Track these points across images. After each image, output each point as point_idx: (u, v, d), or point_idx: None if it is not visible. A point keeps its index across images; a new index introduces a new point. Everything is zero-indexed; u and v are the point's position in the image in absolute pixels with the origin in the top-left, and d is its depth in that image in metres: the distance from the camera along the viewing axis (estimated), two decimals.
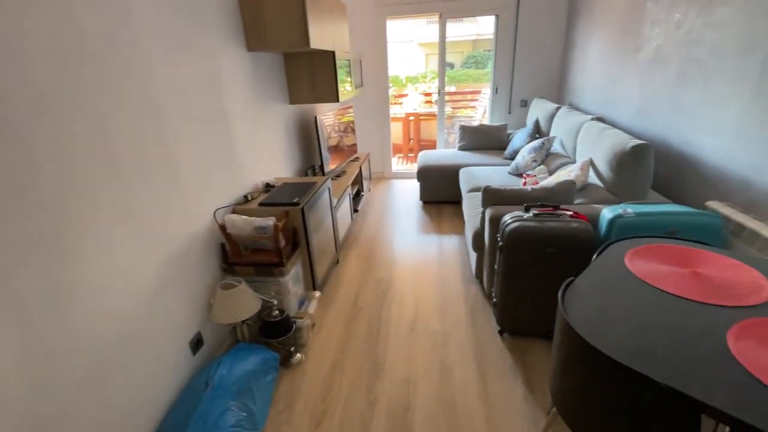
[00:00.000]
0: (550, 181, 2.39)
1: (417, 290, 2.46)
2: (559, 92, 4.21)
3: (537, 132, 3.63)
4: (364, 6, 4.12)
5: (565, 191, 2.13)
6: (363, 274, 2.67)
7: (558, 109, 3.36)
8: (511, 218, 1.86)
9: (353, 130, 3.97)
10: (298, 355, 1.90)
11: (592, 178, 2.38)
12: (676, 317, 0.98)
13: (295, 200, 2.04)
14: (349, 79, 3.28)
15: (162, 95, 1.54)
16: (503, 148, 4.06)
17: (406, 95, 6.63)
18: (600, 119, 2.69)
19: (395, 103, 6.74)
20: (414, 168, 3.96)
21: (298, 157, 3.11)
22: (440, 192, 3.82)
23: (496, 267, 1.96)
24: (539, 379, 1.74)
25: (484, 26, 14.58)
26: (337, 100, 2.84)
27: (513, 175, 3.20)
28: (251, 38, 2.22)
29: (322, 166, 3.08)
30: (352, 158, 3.85)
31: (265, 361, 1.68)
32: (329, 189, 2.55)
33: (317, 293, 2.17)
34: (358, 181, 3.80)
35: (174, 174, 1.60)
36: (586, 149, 2.52)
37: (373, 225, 3.48)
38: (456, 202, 3.86)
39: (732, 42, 1.81)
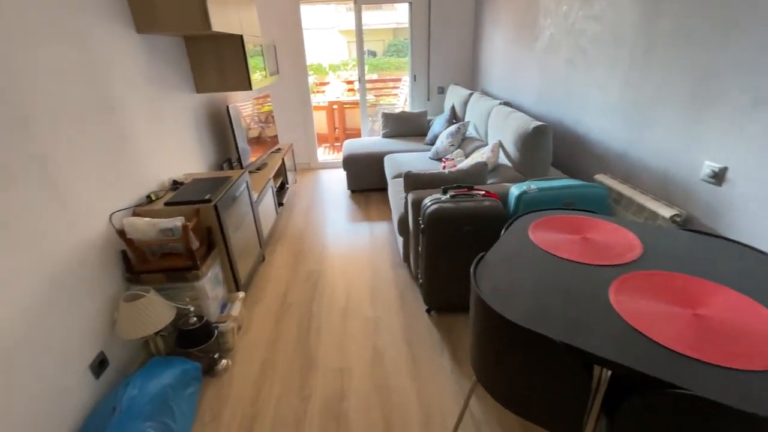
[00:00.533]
0: (466, 163, 2.52)
1: (348, 279, 2.45)
2: (472, 79, 4.43)
3: (454, 117, 3.79)
4: None
5: (479, 172, 2.26)
6: (292, 269, 2.59)
7: (471, 95, 3.54)
8: (430, 201, 1.93)
9: (273, 120, 3.79)
10: (224, 361, 1.79)
11: (503, 159, 2.56)
12: (570, 280, 1.10)
13: (207, 197, 1.90)
14: (262, 66, 3.11)
15: (24, 81, 1.30)
16: (424, 134, 4.18)
17: (328, 83, 6.49)
18: (507, 104, 2.89)
19: (318, 92, 6.57)
20: (341, 157, 3.91)
21: (212, 150, 2.89)
22: (367, 180, 3.83)
23: (420, 249, 2.02)
24: (464, 351, 1.85)
25: (403, 14, 14.79)
26: (250, 88, 2.68)
27: (434, 159, 3.32)
28: (140, 19, 1.98)
29: (239, 159, 2.90)
30: (273, 150, 3.68)
31: (184, 373, 1.55)
32: (247, 183, 2.41)
33: (241, 294, 2.06)
34: (281, 173, 3.66)
35: (47, 175, 1.38)
36: (496, 132, 2.69)
37: (301, 218, 3.38)
38: (383, 189, 3.91)
39: (608, 32, 2.04)
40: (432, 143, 3.80)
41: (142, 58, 2.04)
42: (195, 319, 1.72)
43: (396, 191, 2.71)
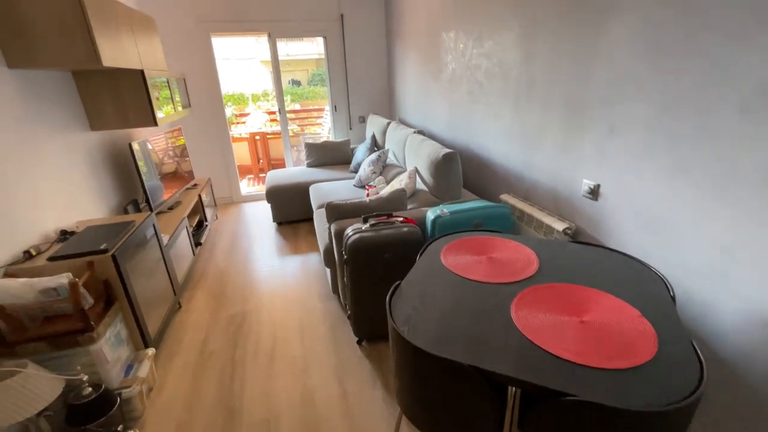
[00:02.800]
0: (386, 191, 2.59)
1: (275, 318, 2.34)
2: (390, 108, 4.64)
3: (375, 145, 3.91)
4: (182, 21, 3.77)
5: (398, 199, 2.34)
6: (212, 314, 2.41)
7: (389, 123, 3.70)
8: (352, 231, 1.94)
9: (187, 155, 3.57)
10: None
11: (419, 185, 2.68)
12: (477, 300, 1.16)
13: (103, 246, 1.70)
14: (170, 100, 2.94)
15: None
16: (348, 162, 4.24)
17: (248, 114, 6.34)
18: (420, 132, 3.06)
19: (238, 123, 6.38)
20: (267, 178, 3.80)
21: (115, 192, 2.62)
22: (294, 211, 3.75)
23: (345, 280, 2.01)
24: None
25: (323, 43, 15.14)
26: (155, 124, 2.51)
27: (357, 187, 3.37)
28: (13, 53, 1.77)
29: (147, 200, 2.67)
30: (188, 186, 3.46)
31: None
32: (155, 226, 2.22)
33: (150, 351, 1.85)
34: (197, 210, 3.43)
35: None
36: (412, 159, 2.83)
37: (222, 257, 3.18)
38: (311, 219, 3.85)
39: (497, 68, 2.28)
40: (356, 171, 3.86)
41: (14, 96, 1.81)
42: (90, 389, 1.50)
43: (321, 222, 2.69)
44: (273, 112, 6.49)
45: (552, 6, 1.76)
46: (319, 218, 2.77)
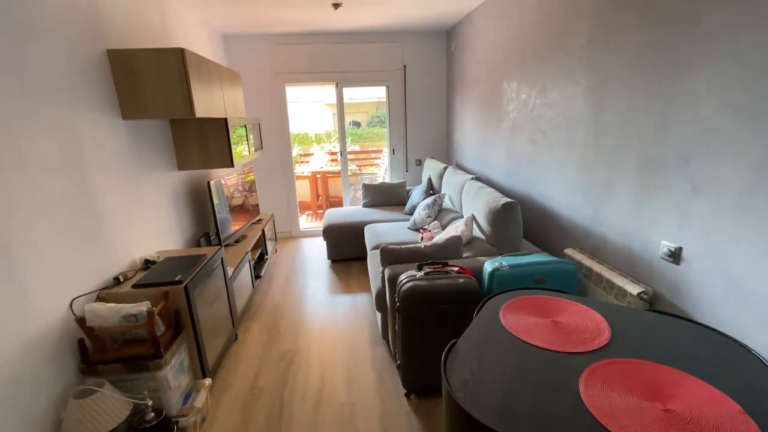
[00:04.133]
0: (441, 237, 2.57)
1: (324, 359, 2.34)
2: (447, 153, 4.70)
3: (430, 189, 3.95)
4: (262, 74, 4.23)
5: (454, 246, 2.31)
6: (265, 349, 2.47)
7: (446, 168, 3.73)
8: (405, 278, 1.93)
9: (255, 191, 3.87)
10: None
11: (476, 232, 2.63)
12: (540, 370, 1.08)
13: (178, 278, 1.86)
14: (245, 143, 3.25)
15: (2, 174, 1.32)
16: (403, 203, 4.30)
17: (312, 154, 6.77)
18: (478, 178, 3.04)
19: (302, 162, 6.82)
20: (324, 216, 3.96)
21: (190, 225, 2.88)
22: (348, 249, 3.84)
23: (396, 328, 1.98)
24: None
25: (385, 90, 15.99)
26: (232, 165, 2.77)
27: (412, 230, 3.39)
28: (127, 107, 2.09)
29: (218, 233, 2.90)
30: (254, 221, 3.71)
31: None
32: (222, 259, 2.38)
33: (207, 381, 1.93)
34: (260, 244, 3.64)
35: (6, 265, 1.34)
36: (469, 205, 2.80)
37: (278, 291, 3.31)
38: (364, 258, 3.91)
39: (562, 117, 2.24)
40: (410, 213, 3.90)
41: (125, 141, 2.11)
42: (152, 414, 1.58)
43: (374, 263, 2.71)
44: (334, 153, 6.87)
45: (625, 60, 1.72)
46: (373, 260, 2.80)
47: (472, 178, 3.03)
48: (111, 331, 1.62)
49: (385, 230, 3.41)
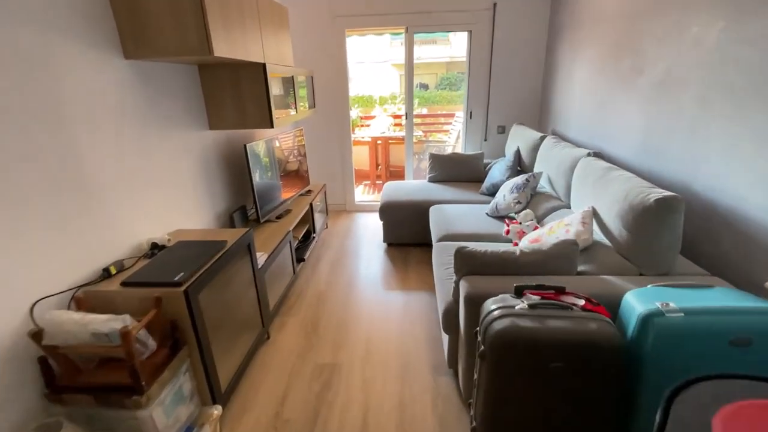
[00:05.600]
0: (544, 238, 1.82)
1: (369, 385, 1.80)
2: (540, 118, 3.74)
3: (518, 164, 3.11)
4: (316, 15, 3.56)
5: (566, 256, 1.56)
6: (298, 359, 1.99)
7: (543, 138, 2.86)
8: (497, 308, 1.25)
9: (305, 158, 3.34)
10: None
11: (597, 234, 1.83)
12: None
13: (178, 277, 1.36)
14: (292, 99, 2.67)
15: None
16: (479, 180, 3.52)
17: (373, 117, 6.10)
18: (597, 155, 2.17)
19: (362, 125, 6.19)
20: (383, 190, 3.38)
21: (223, 197, 2.43)
22: (408, 233, 3.21)
23: (477, 377, 1.33)
24: None
25: (457, 48, 14.57)
26: (271, 126, 2.21)
27: (492, 217, 2.64)
28: (129, 42, 1.57)
29: (256, 208, 2.42)
30: (302, 191, 3.20)
31: None
32: (251, 246, 1.88)
33: (216, 411, 1.47)
34: (307, 220, 3.15)
35: None
36: (585, 193, 1.97)
37: (324, 277, 2.81)
38: (426, 244, 3.26)
39: None
40: (489, 193, 3.12)
41: (129, 89, 1.62)
42: None
43: (442, 262, 2.05)
44: (398, 116, 6.12)
45: None
46: (441, 255, 2.15)
47: (589, 154, 2.17)
48: (80, 350, 1.18)
49: (457, 214, 2.70)
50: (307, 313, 2.38)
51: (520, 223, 2.26)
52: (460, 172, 3.54)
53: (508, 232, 2.28)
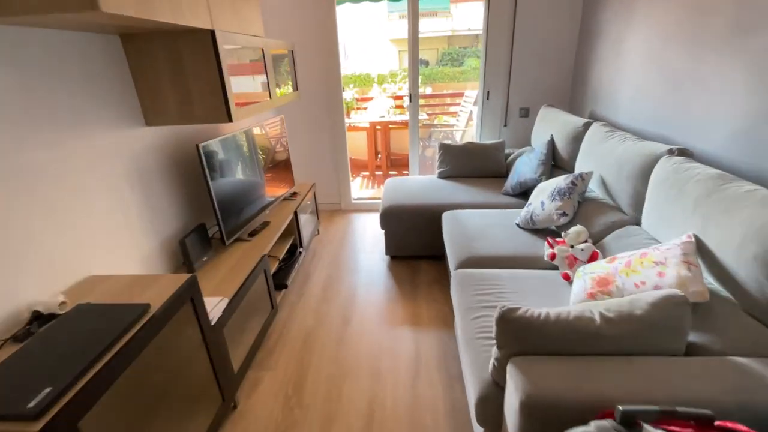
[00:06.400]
0: (619, 281, 1.23)
1: None
2: (572, 98, 3.10)
3: (552, 157, 2.50)
4: None
5: (673, 325, 0.99)
6: None
7: (587, 126, 2.24)
8: None
9: (287, 153, 2.73)
10: None
11: (707, 279, 1.24)
12: None
13: (34, 402, 0.79)
14: (265, 80, 2.05)
15: None
16: (500, 175, 2.92)
17: (371, 98, 5.42)
18: (683, 152, 1.56)
19: (359, 108, 5.52)
20: (384, 187, 2.80)
21: (173, 214, 1.84)
22: (414, 243, 2.64)
23: None
24: None
25: (459, 21, 13.61)
26: (229, 119, 1.60)
27: (524, 229, 2.06)
28: None
29: (219, 227, 1.84)
30: (285, 195, 2.61)
31: None
32: (194, 301, 1.30)
33: None
34: (291, 231, 2.57)
35: None
36: (674, 212, 1.38)
37: (312, 307, 2.25)
38: (438, 257, 2.70)
39: None
40: (515, 194, 2.53)
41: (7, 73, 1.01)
42: None
43: (468, 306, 1.49)
44: (399, 97, 5.44)
45: None
46: (464, 289, 1.58)
47: (671, 152, 1.56)
48: None
49: (479, 226, 2.12)
50: (289, 364, 1.83)
51: (572, 246, 1.67)
52: (477, 166, 2.93)
53: (553, 256, 1.70)
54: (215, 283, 1.64)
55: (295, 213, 2.51)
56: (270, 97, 2.12)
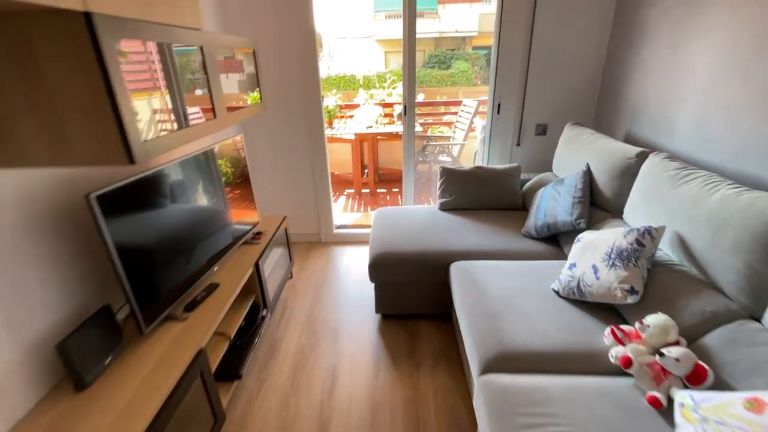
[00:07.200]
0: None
1: None
2: (598, 115, 2.58)
3: (589, 191, 1.96)
4: None
5: None
6: None
7: (642, 156, 1.71)
8: None
9: (248, 184, 2.12)
10: None
11: None
12: None
13: None
14: (210, 95, 1.44)
15: None
16: (514, 207, 2.38)
17: (357, 106, 4.82)
18: None
19: (342, 117, 4.91)
20: (372, 219, 2.22)
21: (61, 297, 1.21)
22: (413, 298, 2.07)
23: None
24: None
25: (447, 22, 13.16)
26: (130, 160, 0.99)
27: (565, 298, 1.50)
28: None
29: (132, 309, 1.22)
30: (247, 237, 2.00)
31: None
32: None
33: None
34: (253, 290, 1.95)
35: None
36: None
37: (274, 411, 1.63)
38: (442, 315, 2.13)
39: None
40: (537, 236, 1.99)
41: None
42: None
43: (497, 413, 0.92)
44: (388, 105, 4.86)
45: None
46: (495, 408, 1.01)
47: None
48: None
49: (502, 289, 1.56)
50: None
51: (659, 354, 1.12)
52: (488, 196, 2.38)
53: (627, 362, 1.15)
54: (123, 404, 1.03)
55: (257, 267, 1.90)
56: (218, 114, 1.50)
